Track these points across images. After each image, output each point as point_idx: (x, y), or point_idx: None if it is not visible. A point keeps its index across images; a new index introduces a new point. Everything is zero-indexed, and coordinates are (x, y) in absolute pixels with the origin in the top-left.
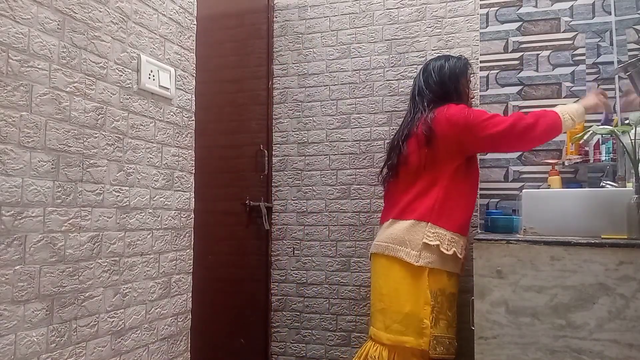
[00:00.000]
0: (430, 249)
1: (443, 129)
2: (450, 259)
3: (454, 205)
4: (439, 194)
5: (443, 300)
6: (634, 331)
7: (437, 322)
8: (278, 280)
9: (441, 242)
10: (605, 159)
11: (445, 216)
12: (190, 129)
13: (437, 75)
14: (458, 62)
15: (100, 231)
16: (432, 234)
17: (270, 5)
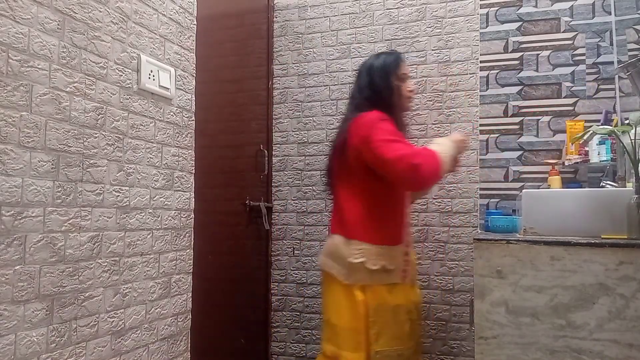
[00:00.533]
0: (356, 266)
1: (352, 139)
2: (382, 272)
3: (378, 218)
4: (361, 208)
5: (384, 314)
6: (634, 331)
7: (379, 337)
8: (278, 280)
9: (367, 258)
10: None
11: (370, 230)
12: (190, 129)
13: (366, 76)
14: (388, 58)
15: (100, 231)
16: (357, 251)
17: (270, 5)
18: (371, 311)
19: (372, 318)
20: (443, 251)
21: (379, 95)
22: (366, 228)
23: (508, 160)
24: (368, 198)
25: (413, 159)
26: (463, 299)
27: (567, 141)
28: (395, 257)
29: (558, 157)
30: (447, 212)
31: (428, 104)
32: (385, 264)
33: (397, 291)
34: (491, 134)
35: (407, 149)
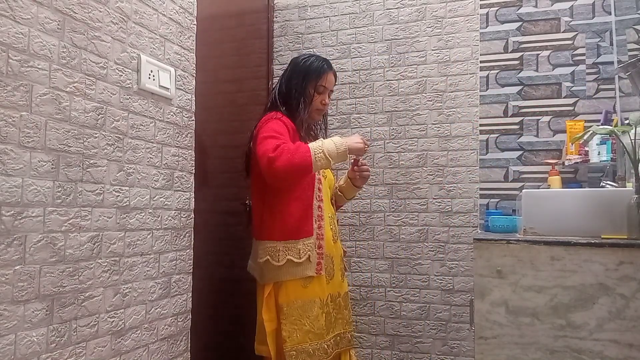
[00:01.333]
0: (263, 265)
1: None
2: (291, 266)
3: (279, 214)
4: (263, 206)
5: (295, 311)
6: (634, 331)
7: (292, 333)
8: None
9: (271, 255)
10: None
11: (272, 228)
12: (190, 129)
13: (290, 71)
14: (314, 63)
15: (100, 231)
16: (262, 250)
17: (270, 5)
18: (284, 308)
19: (284, 315)
20: (443, 251)
21: (290, 95)
22: (268, 226)
23: (508, 160)
24: (266, 196)
25: (270, 153)
26: (463, 299)
27: (567, 141)
28: (303, 250)
29: (558, 157)
30: (447, 212)
31: (428, 104)
32: (291, 258)
33: (314, 284)
34: (491, 134)
35: (271, 144)
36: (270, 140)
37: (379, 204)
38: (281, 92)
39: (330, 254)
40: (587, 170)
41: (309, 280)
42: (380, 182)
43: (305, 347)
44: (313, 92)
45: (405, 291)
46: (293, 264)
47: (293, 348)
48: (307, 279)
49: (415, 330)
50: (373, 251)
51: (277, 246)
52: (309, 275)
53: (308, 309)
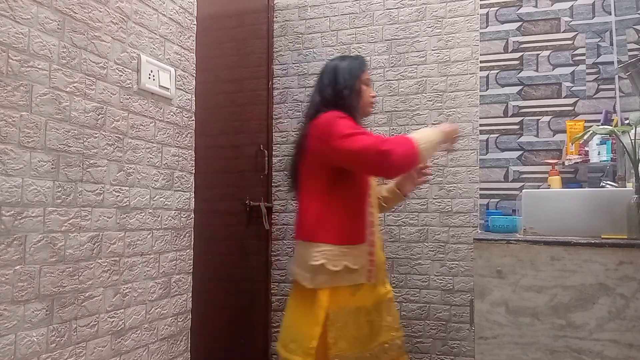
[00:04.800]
0: (318, 269)
1: (311, 140)
2: (345, 272)
3: (337, 217)
4: (319, 208)
5: (345, 318)
6: (634, 331)
7: (338, 340)
8: (278, 280)
9: (327, 259)
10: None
11: (330, 231)
12: (190, 129)
13: (330, 76)
14: (353, 62)
15: (100, 231)
16: (317, 253)
17: (270, 5)
18: (331, 315)
19: (331, 322)
20: (443, 251)
21: (341, 95)
22: (326, 229)
23: (508, 160)
24: (327, 199)
25: (381, 146)
26: (463, 299)
27: (567, 141)
28: (358, 257)
29: (558, 157)
30: (447, 212)
31: (428, 104)
32: (347, 264)
33: (361, 293)
34: (491, 134)
35: (372, 138)
36: (362, 136)
37: None
38: (328, 98)
39: (379, 262)
40: (587, 170)
41: (358, 287)
42: (380, 182)
43: (348, 355)
44: (361, 86)
45: (405, 291)
46: (349, 270)
47: (337, 355)
48: (355, 287)
49: (415, 330)
50: None
51: (334, 250)
52: (361, 283)
53: (355, 316)
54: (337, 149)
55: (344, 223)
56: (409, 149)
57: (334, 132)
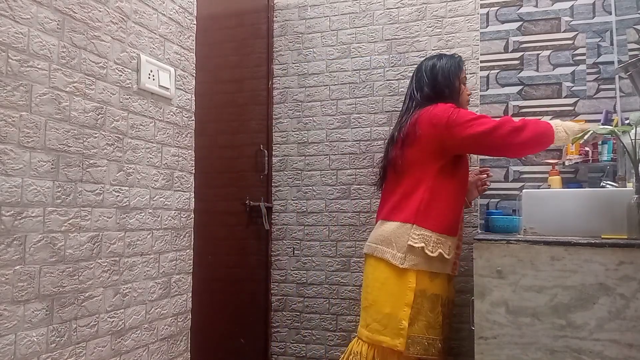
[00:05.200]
0: (415, 251)
1: (426, 128)
2: (436, 260)
3: (440, 206)
4: (424, 194)
5: (423, 301)
6: (634, 331)
7: (415, 322)
8: (278, 280)
9: (426, 244)
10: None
11: (431, 217)
12: (190, 129)
13: (429, 75)
14: (451, 61)
15: (100, 231)
16: (417, 235)
17: (270, 5)
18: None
19: (413, 303)
20: None
21: (442, 94)
22: (430, 215)
23: (508, 160)
24: (434, 187)
25: (512, 124)
26: (463, 299)
27: None
28: (450, 248)
29: (558, 157)
30: None
31: None
32: (442, 252)
33: (439, 281)
34: None
35: (500, 118)
36: (488, 118)
37: (378, 204)
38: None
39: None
40: (587, 170)
41: (436, 275)
42: (377, 185)
43: (421, 340)
44: (460, 85)
45: None
46: (442, 258)
47: (411, 337)
48: (434, 274)
49: None
50: None
51: (432, 237)
52: (444, 272)
53: (432, 303)
54: (463, 134)
55: (446, 213)
56: (541, 127)
57: (457, 120)
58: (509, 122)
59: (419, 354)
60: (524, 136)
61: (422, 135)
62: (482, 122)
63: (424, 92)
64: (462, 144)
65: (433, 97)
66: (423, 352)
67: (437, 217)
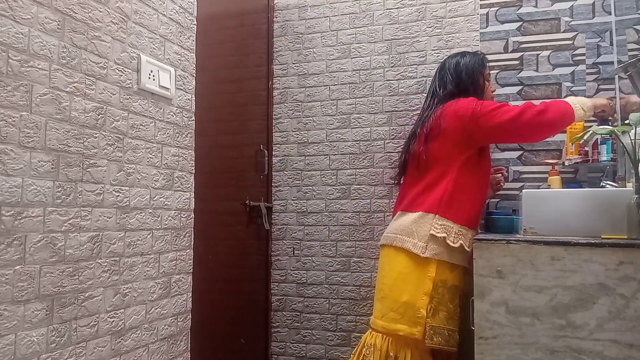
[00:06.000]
0: (436, 240)
1: (451, 121)
2: (457, 251)
3: (462, 198)
4: (447, 186)
5: (444, 291)
6: (634, 331)
7: (437, 312)
8: (278, 280)
9: (448, 234)
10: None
11: (453, 208)
12: (190, 129)
13: (453, 73)
14: (474, 58)
15: (100, 231)
16: (439, 225)
17: (270, 5)
18: (434, 286)
19: (433, 293)
20: None
21: (466, 91)
22: (453, 206)
23: (508, 160)
24: (458, 179)
25: (535, 107)
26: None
27: (567, 141)
28: (470, 241)
29: (558, 157)
30: None
31: None
32: (463, 244)
33: (457, 273)
34: None
35: (522, 104)
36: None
37: (379, 204)
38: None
39: None
40: (587, 170)
41: (456, 267)
42: (380, 182)
43: (442, 330)
44: (484, 82)
45: None
46: (463, 250)
47: (432, 327)
48: (454, 265)
49: None
50: (373, 251)
51: (454, 228)
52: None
53: (453, 294)
54: (489, 124)
55: (468, 205)
56: (560, 105)
57: (482, 110)
58: (531, 107)
59: (441, 344)
60: (548, 118)
61: (448, 128)
62: (507, 110)
63: (447, 89)
64: (489, 134)
65: (457, 94)
66: (444, 343)
67: (460, 209)
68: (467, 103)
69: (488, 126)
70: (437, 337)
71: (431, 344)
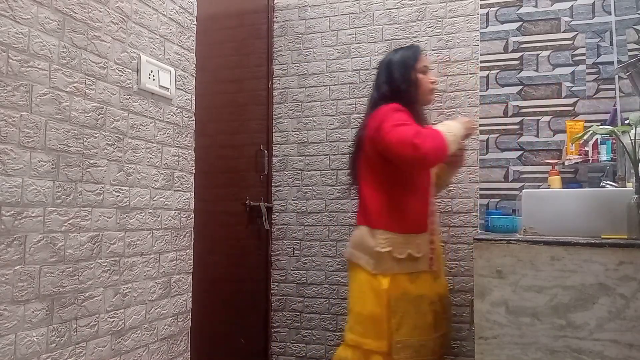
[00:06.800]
0: (383, 256)
1: (368, 132)
2: (407, 261)
3: (401, 207)
4: (383, 197)
5: (406, 304)
6: (634, 331)
7: (401, 326)
8: (278, 280)
9: (393, 247)
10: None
11: (394, 219)
12: (190, 129)
13: (384, 71)
14: (406, 53)
15: (100, 231)
16: (384, 240)
17: (270, 5)
18: (393, 300)
19: (394, 307)
20: (443, 251)
21: (398, 89)
22: (391, 217)
23: (508, 160)
24: (389, 188)
25: (414, 139)
26: (463, 299)
27: (567, 141)
28: (421, 245)
29: (558, 157)
30: (447, 212)
31: None
32: (411, 252)
33: (421, 281)
34: (491, 134)
35: (410, 131)
36: (405, 127)
37: None
38: (386, 93)
39: (438, 252)
40: (587, 170)
41: (417, 275)
42: None
43: (411, 342)
44: (417, 76)
45: None
46: (412, 258)
47: (399, 342)
48: (414, 274)
49: None
50: None
51: (399, 239)
52: (421, 270)
53: (417, 304)
54: (383, 140)
55: (408, 212)
56: (437, 142)
57: (385, 124)
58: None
59: (412, 357)
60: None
61: (368, 138)
62: (396, 133)
63: (380, 91)
64: (384, 150)
65: (389, 96)
66: (415, 355)
67: (401, 218)
68: (382, 113)
69: (382, 141)
70: (405, 351)
71: (399, 358)
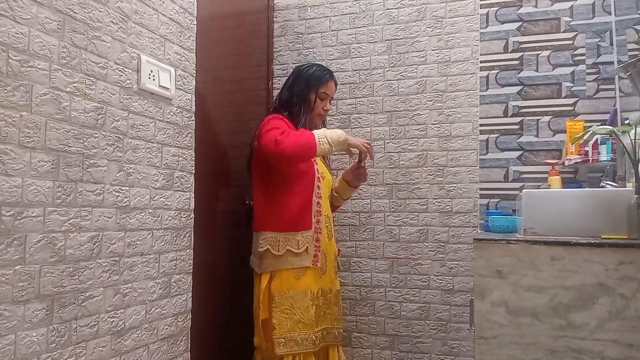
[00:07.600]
0: (264, 255)
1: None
2: (286, 257)
3: (280, 207)
4: (265, 200)
5: (288, 300)
6: (634, 331)
7: (282, 321)
8: None
9: (271, 245)
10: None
11: (273, 219)
12: (190, 129)
13: (291, 80)
14: (316, 73)
15: (100, 231)
16: (262, 240)
17: (270, 5)
18: (276, 297)
19: (276, 304)
20: (443, 251)
21: (291, 101)
22: (270, 218)
23: (508, 160)
24: (270, 190)
25: (277, 137)
26: (463, 299)
27: (567, 141)
28: (302, 242)
29: (558, 157)
30: (447, 212)
31: (428, 104)
32: (290, 249)
33: (306, 277)
34: (491, 134)
35: (277, 131)
36: (275, 130)
37: (379, 204)
38: (283, 99)
39: (325, 250)
40: (587, 170)
41: (302, 271)
42: (380, 182)
43: (293, 336)
44: (315, 98)
45: (405, 291)
46: (292, 254)
47: (282, 336)
48: (300, 271)
49: (415, 330)
50: (373, 251)
51: (278, 237)
52: (305, 266)
53: (299, 299)
54: (259, 145)
55: (287, 211)
56: (302, 139)
57: (262, 131)
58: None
59: (293, 350)
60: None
61: (253, 146)
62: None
63: (281, 96)
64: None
65: (283, 102)
66: (297, 348)
67: (278, 219)
68: (263, 121)
69: (259, 147)
70: (289, 344)
71: (281, 352)
